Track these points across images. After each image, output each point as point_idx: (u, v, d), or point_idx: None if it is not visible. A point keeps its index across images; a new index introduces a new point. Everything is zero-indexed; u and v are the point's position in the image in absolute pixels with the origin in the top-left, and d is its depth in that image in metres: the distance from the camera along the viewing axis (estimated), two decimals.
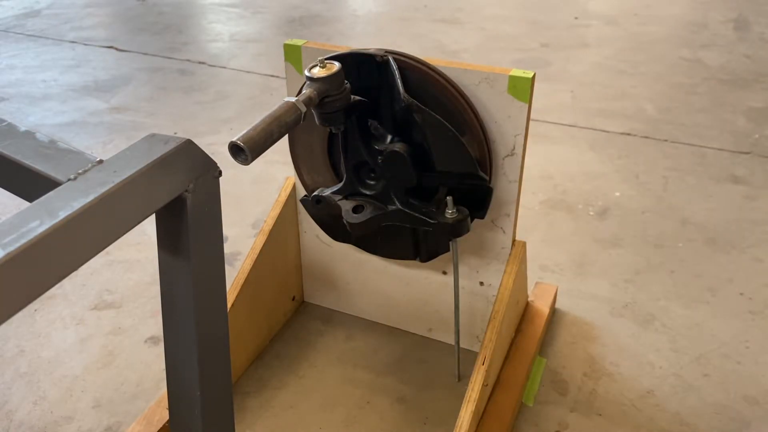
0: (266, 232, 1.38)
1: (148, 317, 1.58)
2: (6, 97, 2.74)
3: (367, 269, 1.45)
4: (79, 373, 1.43)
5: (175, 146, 0.61)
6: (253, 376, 1.41)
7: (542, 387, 1.38)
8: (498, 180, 1.22)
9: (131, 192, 0.57)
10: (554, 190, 2.03)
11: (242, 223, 1.90)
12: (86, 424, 1.32)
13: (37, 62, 3.09)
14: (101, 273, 1.72)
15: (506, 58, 3.00)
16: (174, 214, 0.63)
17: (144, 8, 3.81)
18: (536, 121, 2.41)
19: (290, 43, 1.26)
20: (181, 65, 3.01)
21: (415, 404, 1.34)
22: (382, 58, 1.11)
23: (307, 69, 1.01)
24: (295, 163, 1.34)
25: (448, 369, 1.41)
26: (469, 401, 1.15)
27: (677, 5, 3.68)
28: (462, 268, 1.33)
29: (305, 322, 1.54)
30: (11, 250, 0.47)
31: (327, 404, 1.35)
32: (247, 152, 0.87)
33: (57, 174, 0.58)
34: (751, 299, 1.60)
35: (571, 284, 1.65)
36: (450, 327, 1.43)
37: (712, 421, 1.30)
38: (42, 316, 1.59)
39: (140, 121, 2.52)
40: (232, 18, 3.65)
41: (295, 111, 0.94)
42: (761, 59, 2.96)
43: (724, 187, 2.03)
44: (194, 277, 0.66)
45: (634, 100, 2.59)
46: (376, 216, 1.17)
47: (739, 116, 2.46)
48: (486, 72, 1.13)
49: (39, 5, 3.89)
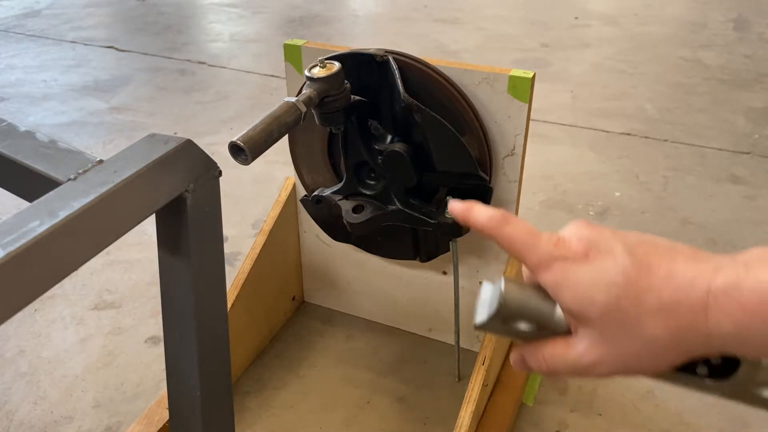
0: (266, 232, 1.38)
1: (148, 317, 1.58)
2: (6, 97, 2.74)
3: (367, 269, 1.45)
4: (79, 373, 1.43)
5: (175, 146, 0.61)
6: (253, 376, 1.41)
7: (542, 387, 1.38)
8: (498, 180, 1.22)
9: (131, 192, 0.57)
10: (554, 190, 2.03)
11: (242, 223, 1.90)
12: (86, 424, 1.32)
13: (37, 62, 3.09)
14: (101, 273, 1.72)
15: (506, 58, 3.00)
16: (174, 214, 0.63)
17: (144, 8, 3.81)
18: (536, 121, 2.41)
19: (290, 43, 1.26)
20: (181, 65, 3.01)
21: (415, 404, 1.34)
22: (382, 58, 1.11)
23: (307, 69, 1.01)
24: (295, 163, 1.34)
25: (448, 369, 1.41)
26: (469, 401, 1.15)
27: (677, 5, 3.69)
28: (462, 268, 1.33)
29: (305, 322, 1.54)
30: (11, 250, 0.47)
31: (327, 404, 1.35)
32: (247, 152, 0.87)
33: (57, 174, 0.58)
34: None
35: None
36: (450, 327, 1.43)
37: (712, 421, 1.30)
38: (42, 316, 1.59)
39: (140, 121, 2.52)
40: (232, 18, 3.65)
41: (295, 111, 0.94)
42: (761, 59, 2.96)
43: (724, 187, 2.03)
44: (194, 277, 0.65)
45: (634, 100, 2.59)
46: (376, 216, 1.17)
47: (739, 116, 2.46)
48: (486, 72, 1.13)
49: (39, 5, 3.89)
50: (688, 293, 0.45)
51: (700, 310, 0.45)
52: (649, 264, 0.47)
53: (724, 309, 0.44)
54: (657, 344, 0.47)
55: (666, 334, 0.46)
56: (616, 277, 0.47)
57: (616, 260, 0.47)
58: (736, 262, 0.45)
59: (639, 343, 0.47)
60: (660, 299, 0.46)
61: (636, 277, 0.46)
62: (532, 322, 0.51)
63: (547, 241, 0.50)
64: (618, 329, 0.47)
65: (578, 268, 0.48)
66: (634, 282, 0.46)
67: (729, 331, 0.44)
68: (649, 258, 0.47)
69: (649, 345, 0.47)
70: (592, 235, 0.49)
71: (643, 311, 0.46)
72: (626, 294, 0.46)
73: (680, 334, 0.46)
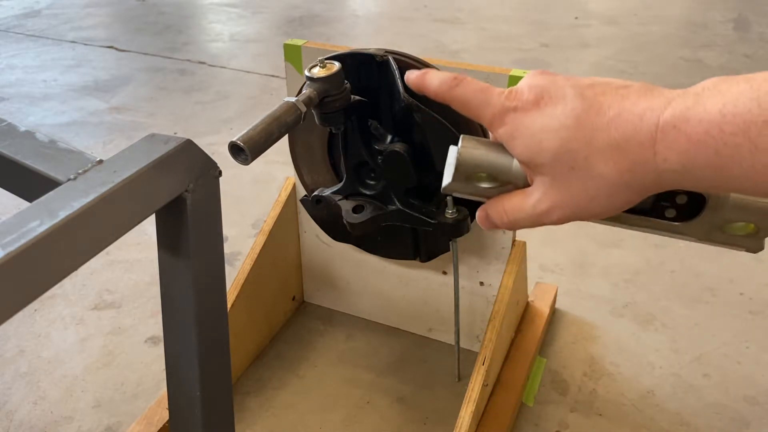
0: (266, 232, 1.38)
1: (148, 317, 1.58)
2: (6, 97, 2.74)
3: (367, 269, 1.45)
4: (79, 373, 1.43)
5: (175, 146, 0.61)
6: (253, 376, 1.41)
7: (542, 387, 1.38)
8: None
9: (131, 192, 0.57)
10: None
11: (242, 223, 1.90)
12: (86, 424, 1.32)
13: (37, 62, 3.09)
14: (101, 273, 1.72)
15: (506, 58, 3.00)
16: (174, 214, 0.63)
17: (144, 8, 3.81)
18: None
19: (290, 43, 1.26)
20: (181, 65, 3.01)
21: (415, 404, 1.34)
22: (382, 58, 1.11)
23: (307, 69, 1.01)
24: (295, 163, 1.34)
25: (448, 369, 1.41)
26: (469, 401, 1.15)
27: (677, 5, 3.69)
28: (462, 268, 1.33)
29: (305, 322, 1.54)
30: (11, 250, 0.47)
31: (327, 404, 1.35)
32: (247, 152, 0.87)
33: (57, 174, 0.58)
34: (752, 299, 1.60)
35: (571, 284, 1.65)
36: (450, 327, 1.43)
37: (712, 421, 1.30)
38: (42, 316, 1.59)
39: (140, 121, 2.52)
40: (232, 18, 3.66)
41: (295, 111, 0.94)
42: (761, 59, 2.96)
43: None
44: (194, 277, 0.65)
45: None
46: (376, 216, 1.17)
47: None
48: (486, 72, 1.13)
49: (39, 5, 3.89)
50: (637, 129, 0.43)
51: (649, 145, 0.43)
52: (600, 103, 0.45)
53: (671, 142, 0.42)
54: (608, 183, 0.45)
55: (615, 171, 0.44)
56: (566, 120, 0.45)
57: (566, 104, 0.46)
58: (687, 93, 0.43)
59: (590, 184, 0.46)
60: (609, 137, 0.44)
61: (585, 118, 0.45)
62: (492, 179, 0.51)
63: (499, 94, 0.49)
64: (569, 172, 0.46)
65: (529, 117, 0.47)
66: (584, 123, 0.45)
67: (676, 166, 0.42)
68: (600, 98, 0.46)
69: (600, 184, 0.45)
70: (543, 83, 0.48)
71: (593, 151, 0.45)
72: (576, 136, 0.45)
73: (630, 172, 0.44)
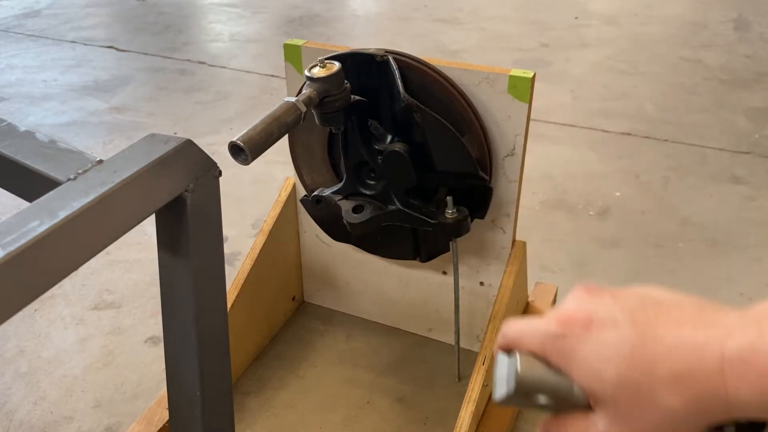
0: (266, 232, 1.38)
1: (148, 317, 1.58)
2: (6, 97, 2.74)
3: (367, 269, 1.45)
4: (79, 373, 1.43)
5: (175, 146, 0.61)
6: (253, 376, 1.41)
7: None
8: (498, 180, 1.22)
9: (131, 192, 0.57)
10: (554, 190, 2.03)
11: (242, 223, 1.90)
12: (86, 424, 1.32)
13: (37, 62, 3.08)
14: (101, 273, 1.72)
15: (506, 58, 3.00)
16: (174, 214, 0.63)
17: (144, 8, 3.81)
18: (536, 121, 2.41)
19: (290, 43, 1.26)
20: (181, 65, 3.01)
21: (415, 404, 1.34)
22: (382, 58, 1.11)
23: (307, 69, 1.01)
24: (295, 163, 1.34)
25: (448, 369, 1.41)
26: (469, 401, 1.15)
27: (677, 5, 3.68)
28: (462, 268, 1.33)
29: (305, 322, 1.54)
30: (11, 250, 0.47)
31: (327, 404, 1.35)
32: (247, 152, 0.87)
33: (57, 174, 0.58)
34: (751, 299, 1.60)
35: (571, 284, 1.64)
36: (450, 327, 1.43)
37: None
38: (42, 316, 1.59)
39: (140, 121, 2.52)
40: (232, 18, 3.65)
41: (295, 111, 0.94)
42: (761, 59, 2.96)
43: (724, 187, 2.03)
44: (194, 277, 0.65)
45: (634, 100, 2.59)
46: (376, 216, 1.17)
47: (739, 116, 2.46)
48: (486, 72, 1.13)
49: (39, 5, 3.89)
50: (701, 359, 0.43)
51: (717, 377, 0.43)
52: (654, 330, 0.45)
53: (742, 376, 0.42)
54: (674, 414, 0.44)
55: (683, 403, 0.44)
56: (621, 348, 0.45)
57: (618, 331, 0.45)
58: (746, 321, 0.43)
59: (657, 415, 0.45)
60: (671, 368, 0.44)
61: (641, 346, 0.45)
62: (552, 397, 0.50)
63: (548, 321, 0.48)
64: (633, 404, 0.45)
65: (582, 343, 0.46)
66: (641, 353, 0.44)
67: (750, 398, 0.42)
68: (654, 324, 0.45)
69: (666, 415, 0.45)
70: (591, 307, 0.48)
71: (656, 381, 0.44)
72: (634, 365, 0.45)
73: (698, 403, 0.44)
